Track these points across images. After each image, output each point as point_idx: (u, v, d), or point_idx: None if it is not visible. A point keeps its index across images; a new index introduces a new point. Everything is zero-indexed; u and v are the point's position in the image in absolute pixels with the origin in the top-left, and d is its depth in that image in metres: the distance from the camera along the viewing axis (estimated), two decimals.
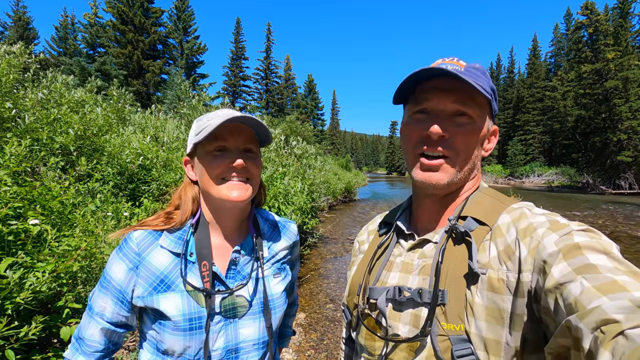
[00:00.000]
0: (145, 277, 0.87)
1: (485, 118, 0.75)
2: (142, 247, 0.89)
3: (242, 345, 0.92)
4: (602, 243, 0.55)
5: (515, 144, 45.50)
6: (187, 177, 0.98)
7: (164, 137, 5.57)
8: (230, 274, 0.94)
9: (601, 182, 27.55)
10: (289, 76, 49.94)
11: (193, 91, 12.38)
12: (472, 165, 0.76)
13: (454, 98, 0.71)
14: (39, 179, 2.99)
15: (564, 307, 0.49)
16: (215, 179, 0.89)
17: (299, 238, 1.17)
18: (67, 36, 30.75)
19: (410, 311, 0.72)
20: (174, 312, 0.84)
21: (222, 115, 0.88)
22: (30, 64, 4.92)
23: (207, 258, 0.90)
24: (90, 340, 0.90)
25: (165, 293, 0.86)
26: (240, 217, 0.99)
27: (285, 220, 1.14)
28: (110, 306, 0.89)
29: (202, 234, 0.93)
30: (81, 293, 2.19)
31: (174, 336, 0.84)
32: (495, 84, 0.86)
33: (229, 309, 0.91)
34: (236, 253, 0.95)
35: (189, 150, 0.95)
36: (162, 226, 0.91)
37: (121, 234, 0.93)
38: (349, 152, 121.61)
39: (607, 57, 27.24)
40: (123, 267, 0.88)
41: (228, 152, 0.89)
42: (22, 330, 1.62)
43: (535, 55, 49.78)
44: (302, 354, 3.66)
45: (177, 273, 0.88)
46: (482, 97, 0.72)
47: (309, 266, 6.80)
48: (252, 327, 0.93)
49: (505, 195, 0.78)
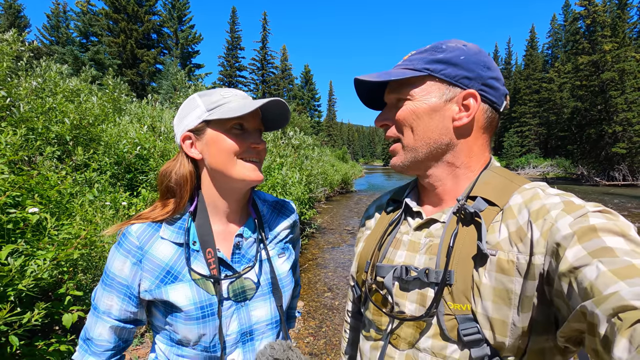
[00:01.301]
0: (151, 270, 0.86)
1: (432, 90, 0.73)
2: (143, 240, 0.87)
3: (256, 327, 0.92)
4: (619, 225, 0.53)
5: (511, 135, 45.61)
6: (183, 156, 0.91)
7: (161, 126, 5.53)
8: (235, 258, 0.93)
9: (595, 173, 27.75)
10: (286, 67, 49.47)
11: (189, 81, 12.25)
12: (427, 140, 0.74)
13: (391, 90, 0.79)
14: (36, 168, 2.97)
15: (579, 292, 0.49)
16: (235, 158, 0.87)
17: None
18: (59, 24, 30.11)
19: (416, 291, 0.73)
20: (185, 302, 0.84)
21: (239, 95, 0.90)
22: (23, 53, 4.84)
23: (211, 245, 0.88)
24: (99, 340, 0.89)
25: (173, 284, 0.85)
26: (243, 200, 0.98)
27: (282, 199, 1.13)
28: (116, 304, 0.87)
29: (203, 221, 0.90)
30: (82, 281, 2.21)
31: (188, 326, 0.84)
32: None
33: (238, 292, 0.91)
34: (239, 237, 0.95)
35: (193, 126, 0.88)
36: (160, 217, 0.88)
37: (117, 229, 0.90)
38: (346, 143, 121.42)
39: (604, 48, 27.19)
40: (126, 262, 0.86)
41: (247, 132, 0.89)
42: (25, 317, 1.63)
43: (532, 46, 49.59)
44: (301, 341, 3.72)
45: (182, 263, 0.87)
46: (415, 77, 0.74)
47: (307, 256, 6.84)
48: (264, 308, 0.94)
49: (517, 175, 0.75)
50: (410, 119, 0.74)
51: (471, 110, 0.72)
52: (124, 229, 0.89)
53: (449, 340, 0.67)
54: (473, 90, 0.73)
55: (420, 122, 0.74)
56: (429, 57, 0.74)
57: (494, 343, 0.63)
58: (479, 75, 0.73)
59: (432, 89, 0.73)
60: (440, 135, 0.74)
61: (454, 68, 0.73)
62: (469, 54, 0.74)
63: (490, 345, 0.63)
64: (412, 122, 0.74)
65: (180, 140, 0.91)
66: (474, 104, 0.72)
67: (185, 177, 0.89)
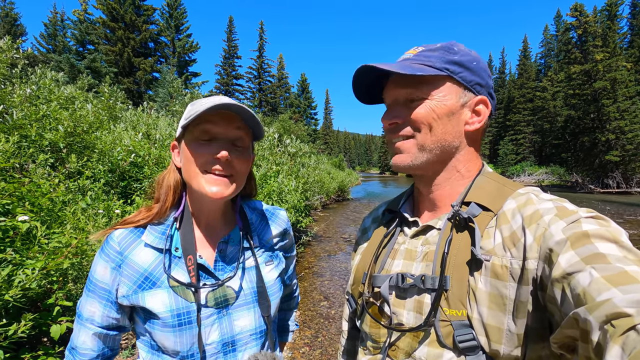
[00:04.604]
0: (129, 276, 0.85)
1: (451, 92, 0.73)
2: (124, 245, 0.86)
3: (239, 337, 0.90)
4: (611, 231, 0.53)
5: (506, 143, 46.02)
6: (172, 163, 0.93)
7: (156, 134, 5.51)
8: (218, 266, 0.91)
9: (590, 181, 28.00)
10: (282, 75, 49.77)
11: (186, 90, 12.28)
12: (443, 142, 0.73)
13: (402, 87, 0.74)
14: (28, 175, 2.93)
15: (572, 298, 0.48)
16: (196, 169, 0.83)
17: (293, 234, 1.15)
18: (56, 33, 30.20)
19: (413, 298, 0.72)
20: (161, 308, 0.82)
21: (214, 100, 0.84)
22: (18, 60, 4.82)
23: (192, 252, 0.87)
24: (82, 348, 0.87)
25: (151, 290, 0.84)
26: (223, 209, 0.96)
27: (274, 207, 1.11)
28: (99, 310, 0.86)
29: (186, 228, 0.89)
30: (72, 290, 2.16)
31: (164, 333, 0.82)
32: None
33: (220, 300, 0.88)
34: (223, 244, 0.93)
35: (177, 134, 0.90)
36: (143, 221, 0.88)
37: (102, 234, 0.90)
38: (342, 151, 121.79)
39: (595, 58, 27.66)
40: (105, 267, 0.85)
41: (215, 142, 0.84)
42: (11, 329, 1.59)
43: (525, 56, 50.34)
44: (297, 351, 3.65)
45: (161, 269, 0.85)
46: (434, 75, 0.72)
47: (303, 264, 6.78)
48: (248, 318, 0.91)
49: (510, 180, 0.76)
50: (430, 118, 0.72)
51: (482, 116, 0.74)
52: (107, 235, 0.89)
53: (445, 347, 0.66)
54: (484, 97, 0.75)
55: (439, 123, 0.73)
56: (446, 57, 0.73)
57: (489, 350, 0.62)
58: (487, 83, 0.76)
59: (451, 91, 0.73)
60: (454, 138, 0.74)
61: (469, 73, 0.74)
62: (479, 61, 0.76)
63: (485, 352, 0.62)
64: (432, 122, 0.72)
65: (171, 150, 0.93)
66: (484, 110, 0.74)
67: (170, 185, 0.91)
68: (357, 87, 0.81)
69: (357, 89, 0.82)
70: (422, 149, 0.74)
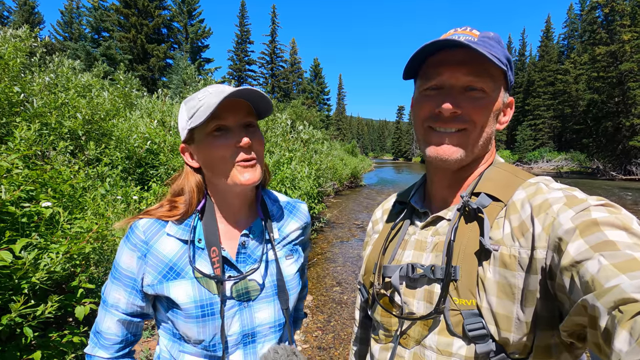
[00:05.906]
0: (154, 265, 0.86)
1: (500, 90, 0.72)
2: (149, 235, 0.87)
3: (259, 329, 0.91)
4: (621, 218, 0.53)
5: (524, 129, 44.66)
6: (187, 166, 0.93)
7: (171, 121, 5.57)
8: (240, 258, 0.92)
9: (612, 167, 27.08)
10: (295, 60, 49.23)
11: (199, 76, 12.31)
12: (486, 140, 0.73)
13: (466, 71, 0.68)
14: (49, 162, 3.02)
15: (580, 286, 0.48)
16: (222, 163, 0.83)
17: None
18: (72, 20, 30.52)
19: (423, 287, 0.73)
20: (185, 299, 0.83)
21: (214, 92, 0.82)
22: (36, 48, 4.91)
23: (216, 243, 0.87)
24: (107, 333, 0.90)
25: (175, 281, 0.85)
26: (248, 200, 0.96)
27: (295, 200, 1.11)
28: (124, 297, 0.88)
29: (209, 220, 0.90)
30: (94, 274, 2.24)
31: (187, 323, 0.84)
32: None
33: (242, 293, 0.89)
34: (245, 237, 0.93)
35: (183, 138, 0.89)
36: (166, 217, 0.89)
37: (126, 222, 0.91)
38: (355, 137, 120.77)
39: (623, 38, 26.32)
40: (132, 256, 0.87)
41: (230, 131, 0.84)
42: (39, 309, 1.67)
43: (547, 37, 48.18)
44: (310, 335, 3.74)
45: (186, 260, 0.86)
46: (497, 68, 0.69)
47: (316, 250, 6.86)
48: (268, 310, 0.92)
49: (522, 170, 0.75)
50: (488, 113, 0.71)
51: (508, 117, 0.77)
52: (132, 223, 0.90)
53: (455, 336, 0.67)
54: (513, 99, 0.77)
55: (491, 121, 0.72)
56: (504, 52, 0.72)
57: (498, 339, 0.63)
58: (513, 84, 0.78)
59: (501, 87, 0.73)
60: (491, 136, 0.75)
61: (511, 72, 0.74)
62: (511, 60, 0.75)
63: (495, 341, 0.63)
64: (487, 120, 0.71)
65: (181, 153, 0.93)
66: (510, 111, 0.77)
67: (193, 188, 0.91)
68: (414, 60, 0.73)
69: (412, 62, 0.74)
70: (474, 145, 0.72)
